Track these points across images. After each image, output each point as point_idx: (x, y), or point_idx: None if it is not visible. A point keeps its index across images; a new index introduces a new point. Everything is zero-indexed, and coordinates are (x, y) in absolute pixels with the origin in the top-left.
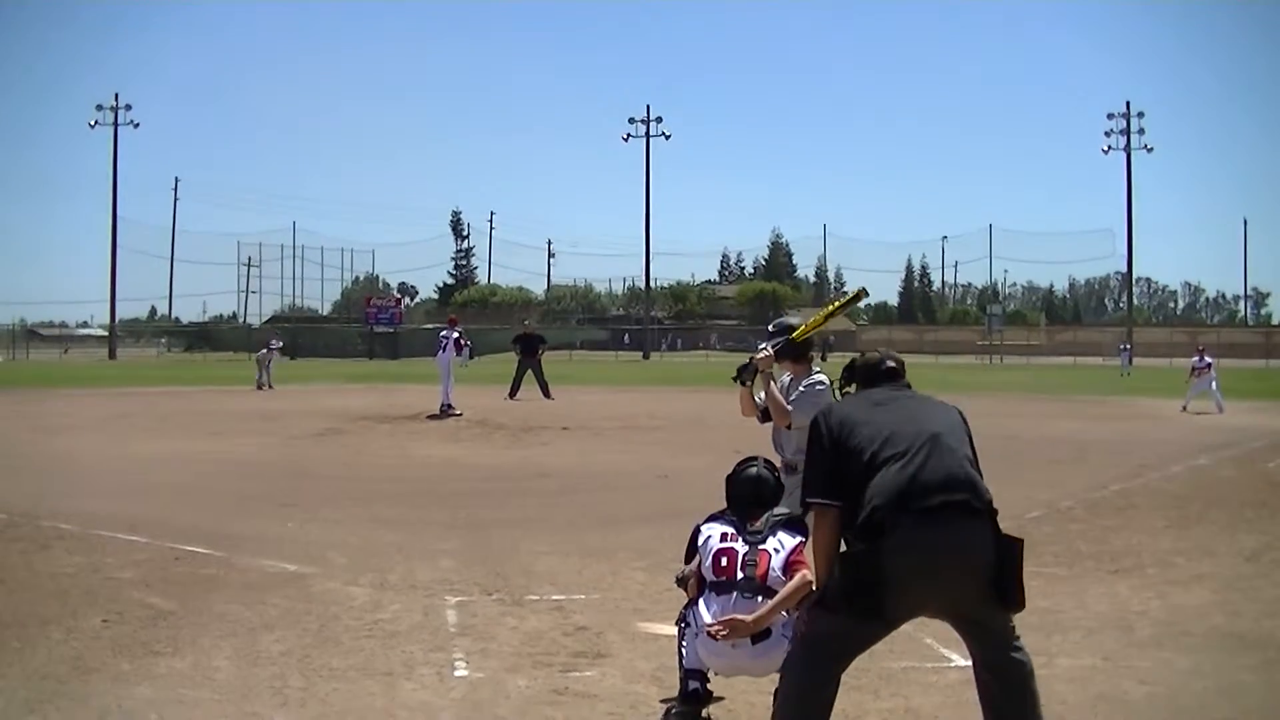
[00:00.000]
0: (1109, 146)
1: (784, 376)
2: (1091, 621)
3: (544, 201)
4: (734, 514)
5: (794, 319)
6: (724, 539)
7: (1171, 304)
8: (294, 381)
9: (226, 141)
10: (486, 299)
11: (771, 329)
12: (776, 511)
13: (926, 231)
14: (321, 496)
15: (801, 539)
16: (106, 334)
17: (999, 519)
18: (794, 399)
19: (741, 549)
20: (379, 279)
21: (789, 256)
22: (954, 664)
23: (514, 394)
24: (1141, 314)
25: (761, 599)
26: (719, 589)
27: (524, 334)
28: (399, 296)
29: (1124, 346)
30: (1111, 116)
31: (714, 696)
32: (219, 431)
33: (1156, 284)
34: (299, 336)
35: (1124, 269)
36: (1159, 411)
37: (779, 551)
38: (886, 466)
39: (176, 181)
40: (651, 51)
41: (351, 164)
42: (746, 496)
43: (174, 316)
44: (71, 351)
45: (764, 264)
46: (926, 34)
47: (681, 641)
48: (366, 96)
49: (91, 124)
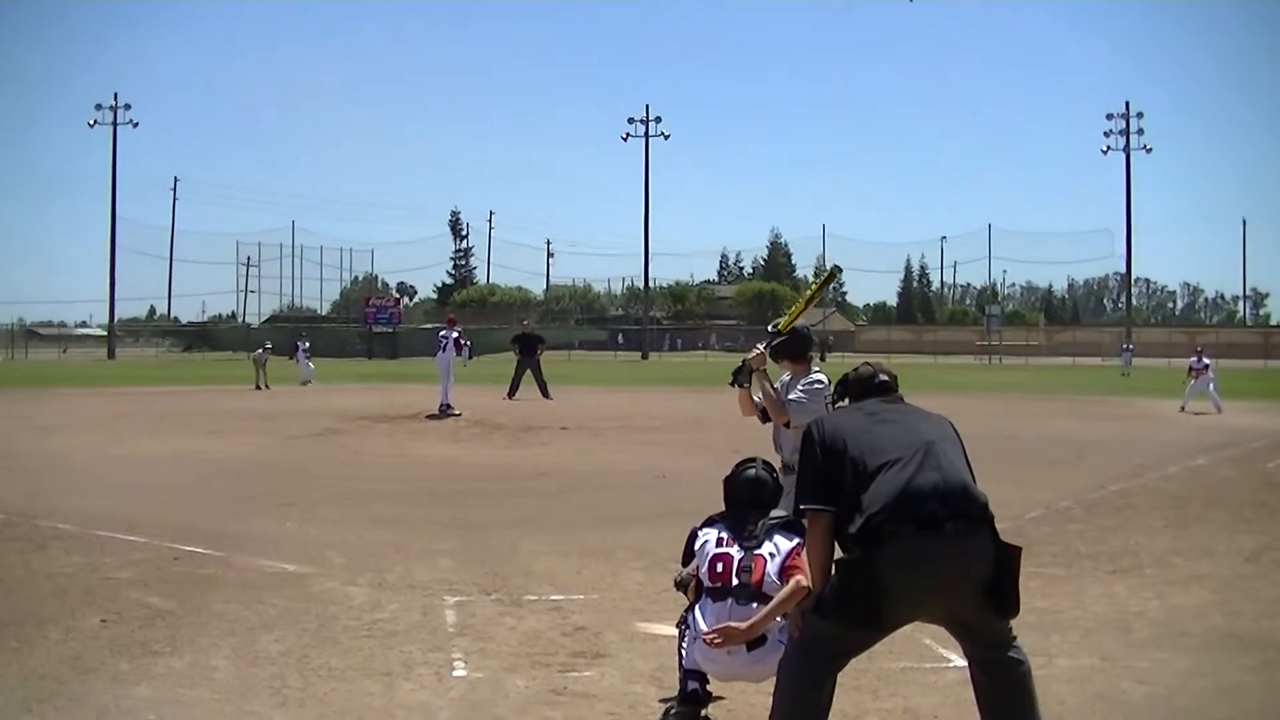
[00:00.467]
0: (1108, 147)
1: (784, 376)
2: (1090, 622)
3: (543, 201)
4: (732, 516)
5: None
6: (720, 544)
7: (1170, 304)
8: (292, 382)
9: (225, 141)
10: (485, 299)
11: (770, 329)
12: (774, 515)
13: (925, 231)
14: (320, 496)
15: (799, 540)
16: (105, 334)
17: (996, 521)
18: (791, 397)
19: (737, 554)
20: (378, 279)
21: (788, 256)
22: (952, 664)
23: (513, 394)
24: (1140, 314)
25: (757, 605)
26: (715, 595)
27: (522, 334)
28: (398, 296)
29: (1126, 347)
30: (1111, 117)
31: (713, 697)
32: (217, 431)
33: (1155, 284)
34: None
35: (1123, 269)
36: (1157, 412)
37: (775, 556)
38: (881, 474)
39: (175, 181)
40: (651, 51)
41: (350, 163)
42: (745, 498)
43: (173, 316)
44: (70, 351)
45: (763, 264)
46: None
47: (682, 642)
48: (365, 96)
49: (90, 123)
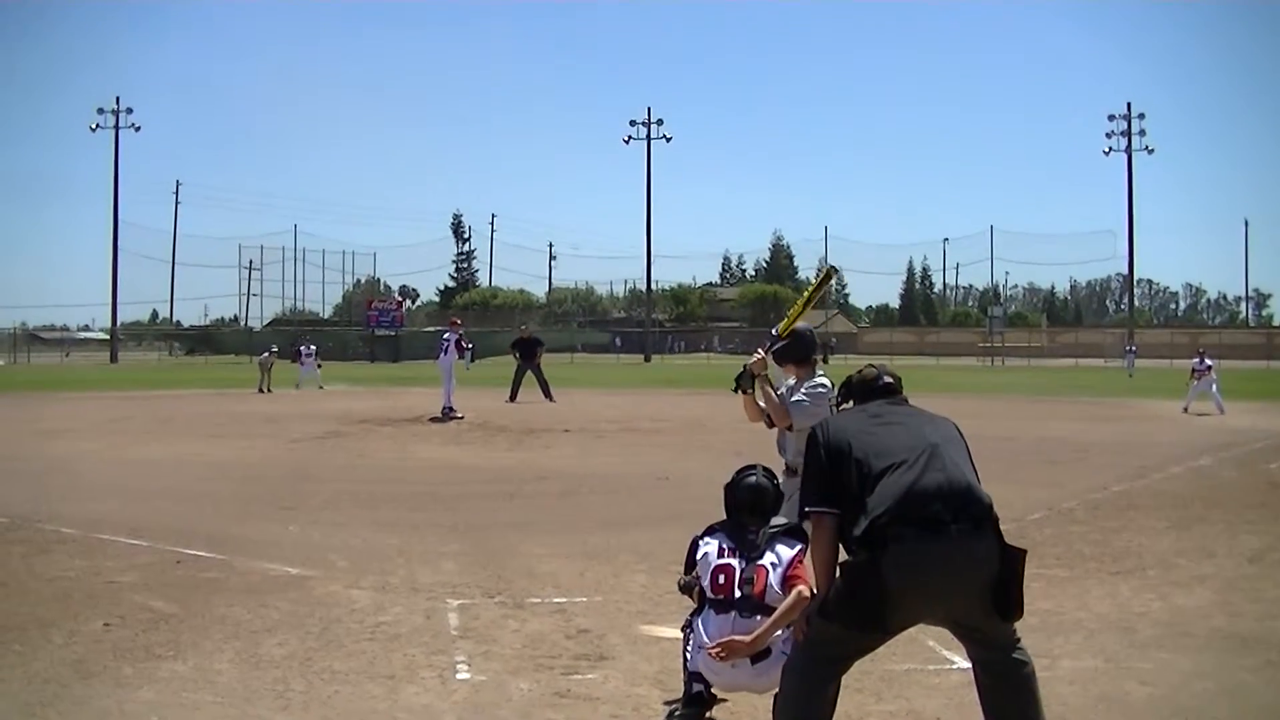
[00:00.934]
0: (1110, 148)
1: (789, 379)
2: (1093, 623)
3: (545, 204)
4: (733, 524)
5: (798, 323)
6: (721, 554)
7: (1173, 305)
8: (294, 385)
9: (227, 144)
10: (488, 301)
11: (773, 333)
12: (775, 522)
13: (928, 233)
14: (323, 499)
15: (801, 547)
16: (108, 337)
17: (1000, 522)
18: (794, 400)
19: (739, 565)
20: (380, 282)
21: (790, 259)
22: (955, 666)
23: (514, 397)
24: (1143, 315)
25: (760, 617)
26: (718, 607)
27: (521, 338)
28: (400, 299)
29: (1130, 348)
30: (1113, 118)
31: (717, 699)
32: (220, 435)
33: (1158, 285)
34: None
35: (1125, 270)
36: (1160, 413)
37: (776, 566)
38: (886, 477)
39: (178, 184)
40: (652, 54)
41: (353, 167)
42: (745, 506)
43: (175, 320)
44: (73, 355)
45: (765, 266)
46: (927, 36)
47: (686, 645)
48: (367, 99)
49: (93, 127)
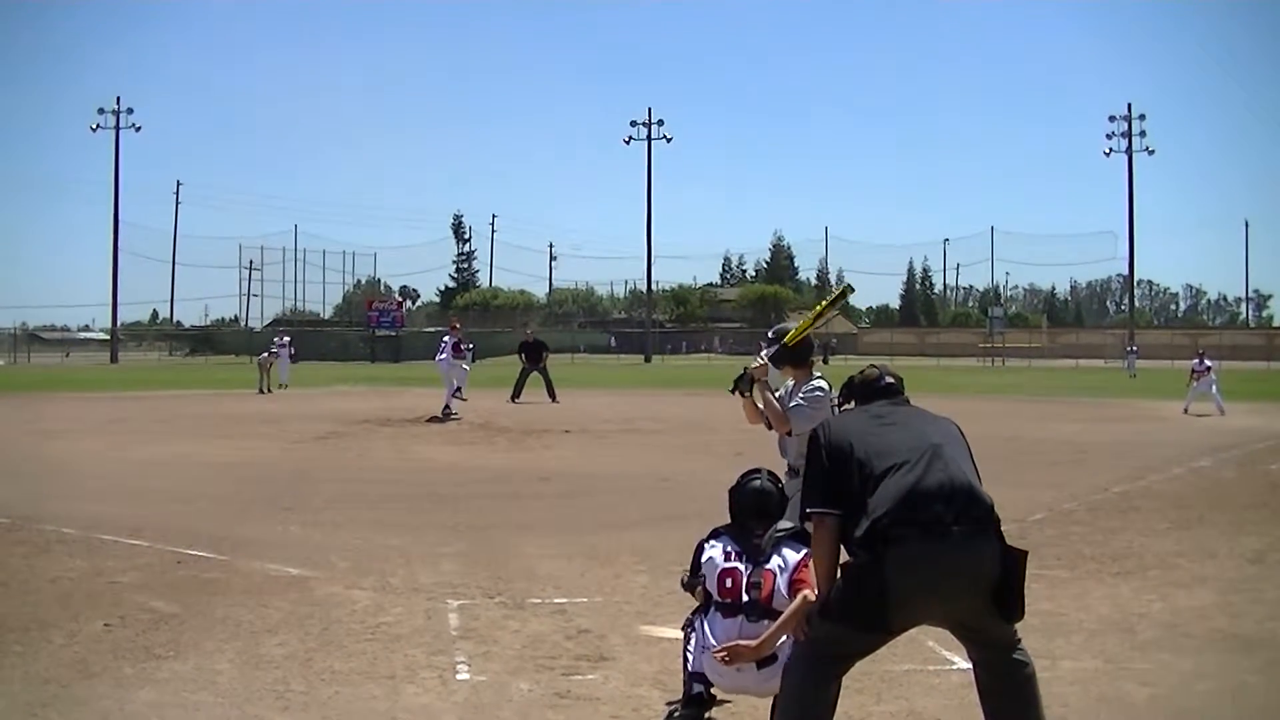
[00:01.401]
0: (1110, 149)
1: (787, 381)
2: (1094, 623)
3: (546, 205)
4: (738, 528)
5: (792, 325)
6: (727, 558)
7: (1173, 306)
8: (295, 385)
9: (228, 145)
10: (488, 302)
11: (770, 335)
12: (780, 526)
13: (928, 234)
14: (323, 500)
15: (806, 551)
16: (108, 338)
17: (1001, 523)
18: (792, 405)
19: (745, 569)
20: (380, 282)
21: (790, 259)
22: (956, 667)
23: (516, 397)
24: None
25: (766, 621)
26: (725, 610)
27: (526, 341)
28: (401, 300)
29: (1131, 349)
30: (1113, 119)
31: (717, 700)
32: (221, 435)
33: (1158, 286)
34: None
35: (1125, 271)
36: (1160, 414)
37: (783, 570)
38: (887, 478)
39: (178, 185)
40: (653, 54)
41: (353, 167)
42: (750, 509)
43: (176, 320)
44: (73, 355)
45: (765, 267)
46: (927, 37)
47: (687, 645)
48: (368, 100)
49: (93, 127)
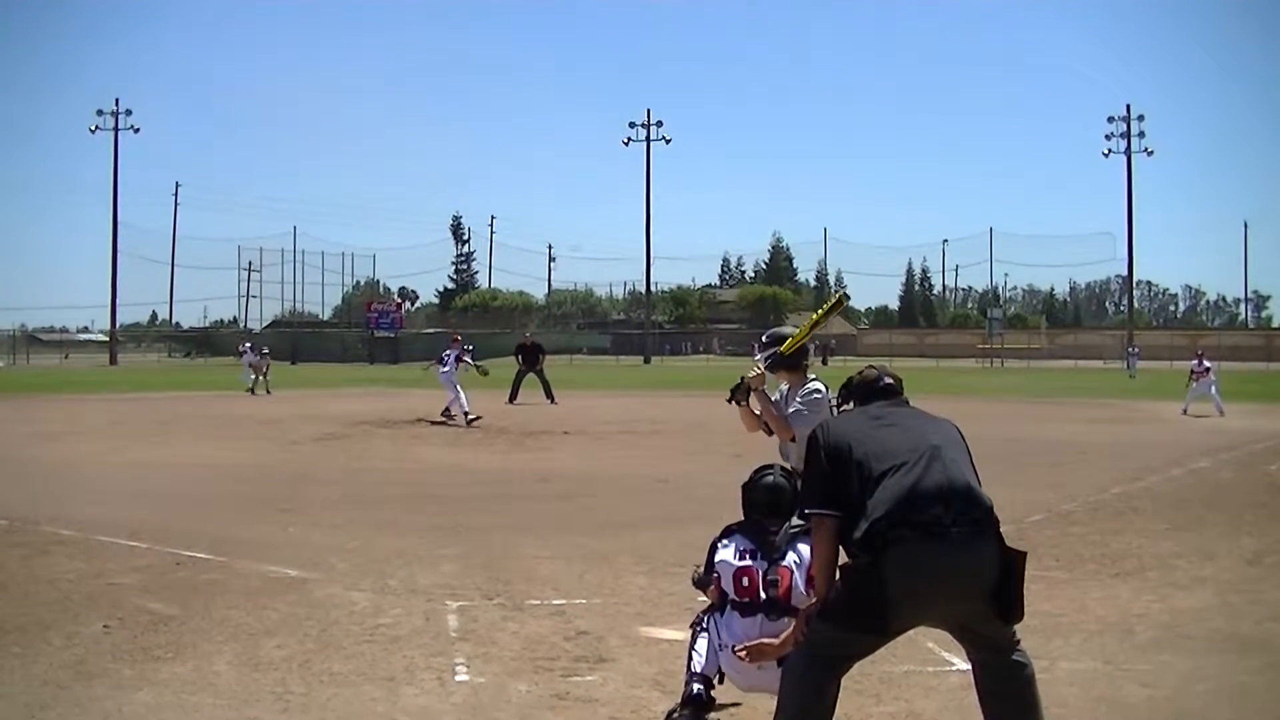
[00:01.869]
0: (1109, 150)
1: (781, 385)
2: (1092, 624)
3: (545, 206)
4: (751, 524)
5: (787, 329)
6: (741, 557)
7: (1172, 307)
8: (294, 386)
9: (227, 146)
10: (487, 304)
11: (765, 339)
12: (794, 523)
13: (927, 235)
14: (322, 501)
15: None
16: (107, 339)
17: (1000, 524)
18: (791, 411)
19: (760, 568)
20: (380, 284)
21: (789, 260)
22: (955, 668)
23: (513, 399)
24: (1142, 317)
25: (787, 619)
26: (743, 609)
27: (523, 344)
28: (400, 301)
29: (1132, 350)
30: (1112, 120)
31: (716, 701)
32: (220, 436)
33: (1157, 287)
34: (300, 341)
35: (1124, 272)
36: (1159, 414)
37: (799, 566)
38: (886, 479)
39: (177, 186)
40: (652, 56)
41: (352, 168)
42: (763, 505)
43: (175, 322)
44: (72, 357)
45: (764, 268)
46: (926, 38)
47: (693, 645)
48: (367, 101)
49: (92, 129)
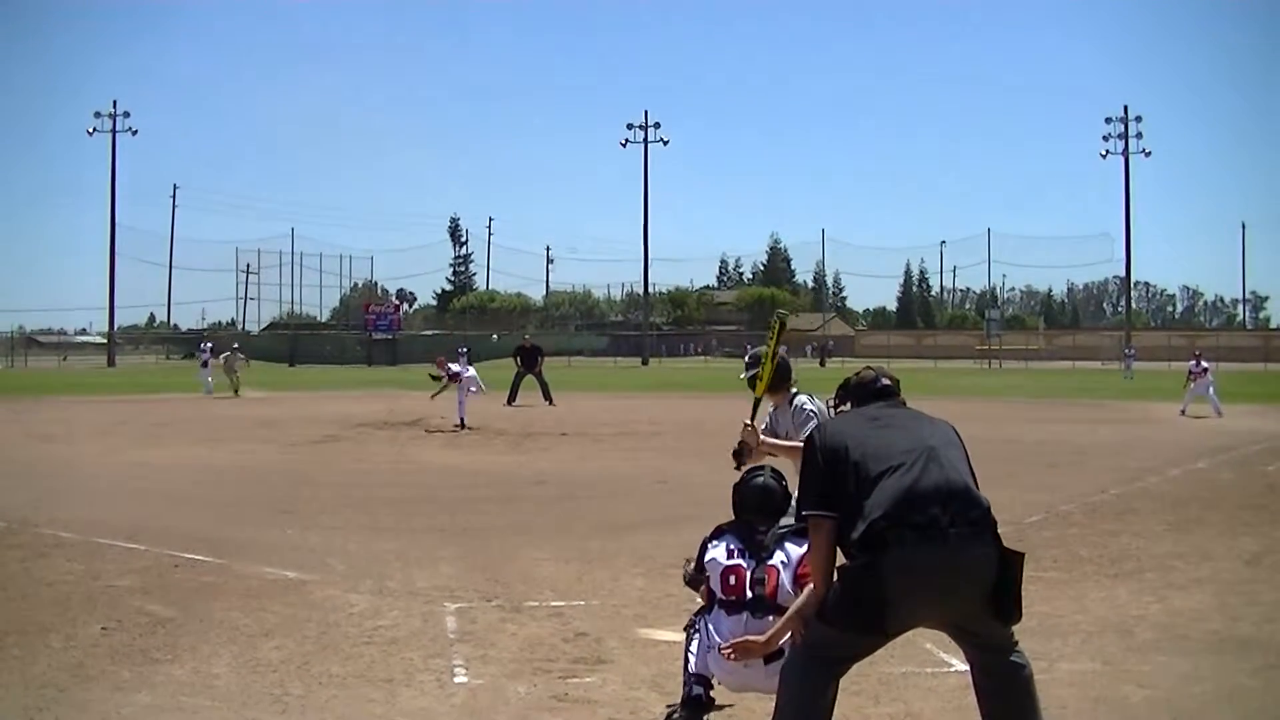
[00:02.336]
0: (1107, 151)
1: (768, 406)
2: (1091, 625)
3: (542, 207)
4: (741, 525)
5: (763, 349)
6: (730, 555)
7: (1170, 308)
8: (293, 388)
9: (225, 148)
10: (485, 305)
11: (748, 360)
12: (783, 524)
13: (925, 236)
14: (321, 503)
15: (809, 547)
16: (105, 341)
17: (998, 525)
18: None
19: (749, 566)
20: (377, 285)
21: (788, 262)
22: (953, 669)
23: (512, 400)
24: (1140, 318)
25: (773, 618)
26: (729, 608)
27: (522, 346)
28: (397, 303)
29: (1128, 351)
30: (1110, 121)
31: (715, 702)
32: (218, 438)
33: (1155, 288)
34: (298, 343)
35: (1122, 273)
36: (1157, 415)
37: (787, 565)
38: (884, 480)
39: (175, 188)
40: (649, 57)
41: (350, 170)
42: (753, 506)
43: (173, 324)
44: (70, 359)
45: (762, 269)
46: (924, 39)
47: (689, 646)
48: (365, 103)
49: (90, 131)
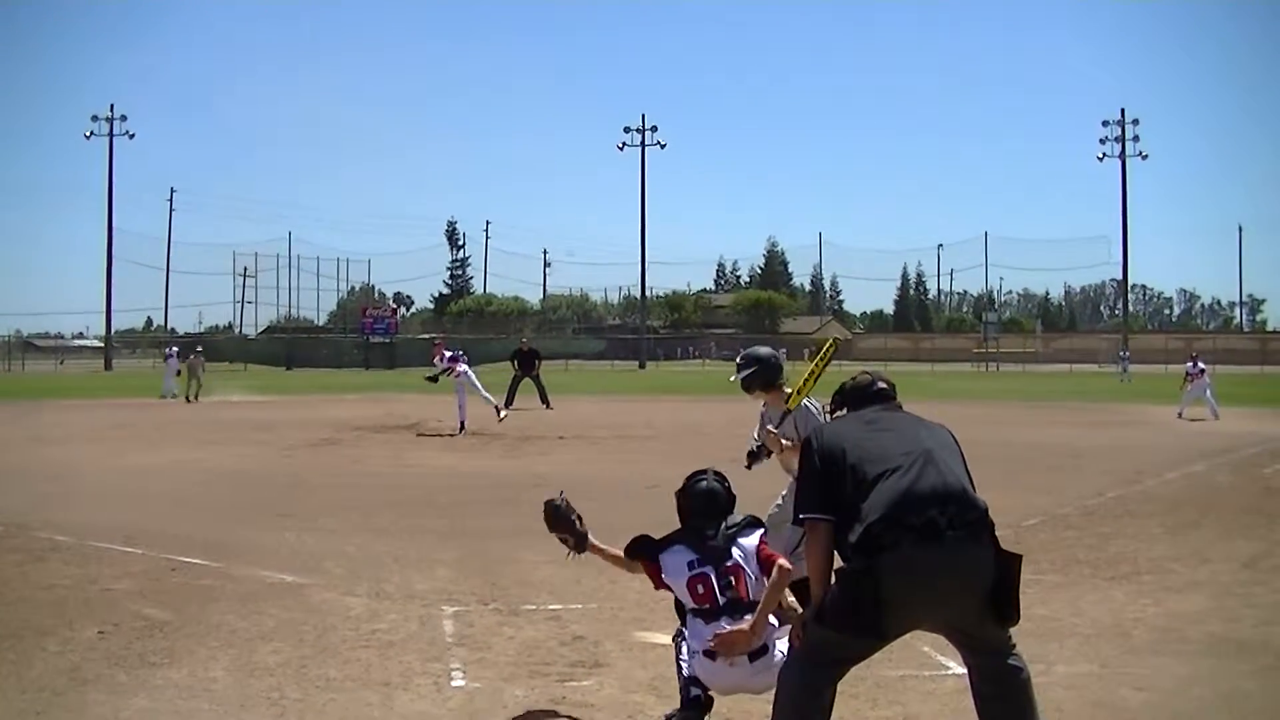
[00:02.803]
0: (1104, 154)
1: (761, 407)
2: (1088, 628)
3: (540, 211)
4: (692, 530)
5: (763, 350)
6: (691, 566)
7: (1167, 310)
8: (290, 392)
9: (222, 152)
10: (482, 308)
11: (740, 361)
12: (730, 522)
13: (922, 239)
14: (318, 506)
15: (761, 531)
16: (102, 345)
17: (995, 529)
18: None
19: (712, 572)
20: (375, 289)
21: (785, 265)
22: (951, 672)
23: (509, 404)
24: (1137, 321)
25: (749, 617)
26: (705, 616)
27: (520, 350)
28: (395, 306)
29: (1123, 354)
30: (1106, 124)
31: (713, 703)
32: (215, 441)
33: (1152, 290)
34: (295, 347)
35: (1119, 276)
36: (1155, 418)
37: (746, 559)
38: (880, 483)
39: (172, 192)
40: (647, 60)
41: (347, 174)
42: (700, 510)
43: (170, 327)
44: (67, 363)
45: (760, 273)
46: (922, 42)
47: (679, 655)
48: (362, 106)
49: (87, 135)
